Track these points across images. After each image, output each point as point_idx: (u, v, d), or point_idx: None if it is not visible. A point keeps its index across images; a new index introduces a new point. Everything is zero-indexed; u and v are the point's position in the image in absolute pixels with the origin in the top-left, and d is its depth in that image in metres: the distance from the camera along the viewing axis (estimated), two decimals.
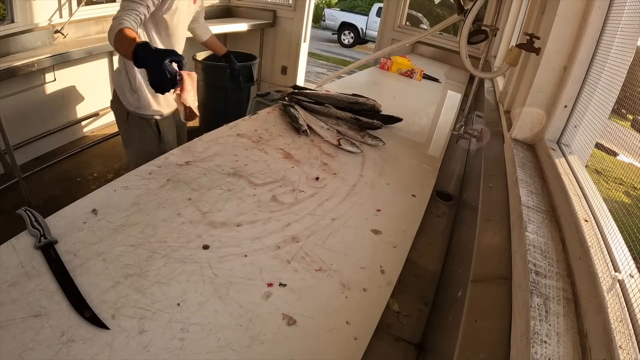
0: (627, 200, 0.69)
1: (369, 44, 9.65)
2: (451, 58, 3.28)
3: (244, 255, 0.69)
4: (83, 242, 0.66)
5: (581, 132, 0.89)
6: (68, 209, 0.74)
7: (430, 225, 1.00)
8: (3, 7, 2.24)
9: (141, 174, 0.89)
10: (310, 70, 6.42)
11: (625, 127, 0.74)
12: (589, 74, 0.89)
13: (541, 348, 0.42)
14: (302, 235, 0.77)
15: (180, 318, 0.55)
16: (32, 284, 0.56)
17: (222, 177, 0.93)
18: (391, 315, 0.70)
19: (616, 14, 0.83)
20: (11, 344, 0.48)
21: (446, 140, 1.44)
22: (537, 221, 0.67)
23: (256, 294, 0.62)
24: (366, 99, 1.49)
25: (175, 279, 0.62)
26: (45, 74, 2.52)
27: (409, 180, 1.08)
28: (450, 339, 0.55)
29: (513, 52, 1.14)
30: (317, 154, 1.14)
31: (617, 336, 0.41)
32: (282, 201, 0.87)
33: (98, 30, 2.77)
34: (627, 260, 0.53)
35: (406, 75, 2.42)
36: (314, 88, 1.78)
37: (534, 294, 0.50)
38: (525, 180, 0.81)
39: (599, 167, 0.86)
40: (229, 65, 1.94)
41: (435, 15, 4.44)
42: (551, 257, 0.58)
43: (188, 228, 0.74)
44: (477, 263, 0.66)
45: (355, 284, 0.67)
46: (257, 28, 3.99)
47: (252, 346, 0.53)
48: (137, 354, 0.50)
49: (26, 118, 2.49)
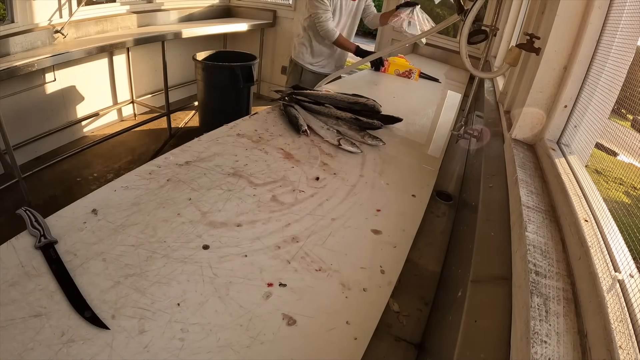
0: (627, 200, 0.69)
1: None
2: (451, 58, 3.27)
3: (244, 255, 0.69)
4: (83, 242, 0.66)
5: (581, 132, 0.89)
6: (68, 209, 0.74)
7: (430, 225, 1.00)
8: (3, 7, 2.24)
9: (141, 174, 0.89)
10: None
11: (625, 127, 0.74)
12: (589, 74, 0.89)
13: (541, 348, 0.42)
14: (302, 235, 0.77)
15: (180, 318, 0.55)
16: (32, 284, 0.56)
17: (222, 177, 0.93)
18: (391, 315, 0.70)
19: (616, 14, 0.83)
20: (11, 344, 0.48)
21: (446, 140, 1.44)
22: (537, 221, 0.67)
23: (256, 294, 0.62)
24: (366, 99, 1.49)
25: (175, 279, 0.62)
26: (45, 74, 2.53)
27: (409, 180, 1.08)
28: (450, 339, 0.55)
29: (513, 52, 1.14)
30: (317, 154, 1.14)
31: (617, 336, 0.41)
32: (282, 201, 0.87)
33: (98, 30, 2.77)
34: (627, 260, 0.53)
35: (404, 76, 2.41)
36: (314, 88, 1.78)
37: (534, 294, 0.50)
38: (525, 180, 0.81)
39: (599, 167, 0.86)
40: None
41: (435, 15, 4.44)
42: (551, 257, 0.58)
43: (188, 228, 0.74)
44: (477, 263, 0.66)
45: (355, 284, 0.67)
46: (257, 28, 3.99)
47: (252, 346, 0.53)
48: (137, 354, 0.50)
49: (26, 118, 2.49)
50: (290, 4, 3.96)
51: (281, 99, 1.48)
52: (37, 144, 2.61)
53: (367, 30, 11.10)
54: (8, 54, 2.17)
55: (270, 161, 1.05)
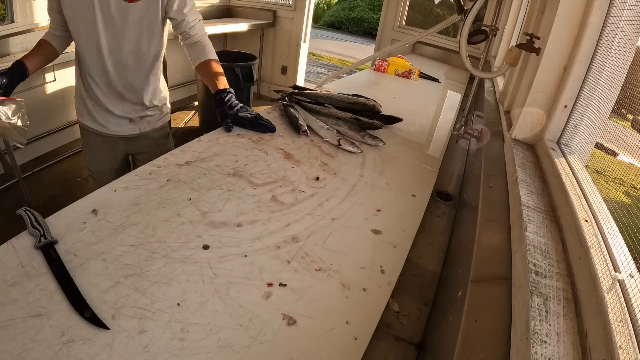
0: (627, 200, 0.69)
1: (369, 43, 9.65)
2: (451, 58, 3.28)
3: (244, 255, 0.69)
4: (83, 242, 0.66)
5: (581, 132, 0.89)
6: (68, 209, 0.74)
7: (430, 225, 1.00)
8: (3, 7, 2.24)
9: (141, 174, 0.89)
10: (310, 70, 6.42)
11: (625, 127, 0.74)
12: (589, 74, 0.89)
13: (541, 348, 0.42)
14: (302, 235, 0.77)
15: (180, 318, 0.55)
16: (32, 284, 0.56)
17: (222, 177, 0.93)
18: (391, 315, 0.70)
19: (616, 14, 0.83)
20: (11, 344, 0.48)
21: (446, 140, 1.44)
22: (537, 221, 0.67)
23: (256, 294, 0.62)
24: (366, 99, 1.49)
25: (175, 279, 0.62)
26: (45, 74, 2.52)
27: (409, 180, 1.08)
28: (450, 339, 0.55)
29: (513, 52, 1.14)
30: (317, 154, 1.14)
31: (617, 336, 0.41)
32: (282, 201, 0.87)
33: None
34: (627, 260, 0.53)
35: (403, 76, 2.41)
36: (314, 88, 1.78)
37: (534, 294, 0.50)
38: (525, 180, 0.81)
39: (599, 167, 0.86)
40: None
41: (435, 16, 4.44)
42: (551, 257, 0.58)
43: (188, 228, 0.74)
44: (477, 263, 0.66)
45: (355, 284, 0.67)
46: (257, 28, 3.99)
47: (252, 346, 0.53)
48: (137, 354, 0.50)
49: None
50: (290, 4, 3.96)
51: (281, 99, 1.48)
52: (37, 144, 2.60)
53: (367, 30, 11.15)
54: (8, 54, 2.17)
55: (270, 161, 1.05)
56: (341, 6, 11.94)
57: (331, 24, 11.84)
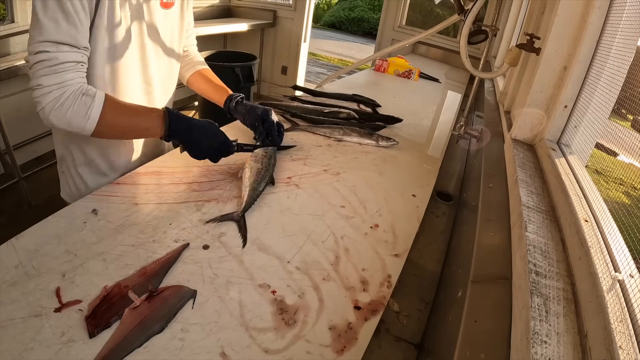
0: (627, 200, 0.69)
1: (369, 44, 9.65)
2: (451, 58, 3.28)
3: (244, 255, 0.69)
4: (83, 242, 0.66)
5: (581, 132, 0.89)
6: (68, 209, 0.74)
7: (430, 225, 1.00)
8: (3, 7, 2.24)
9: (141, 174, 0.89)
10: (310, 70, 6.42)
11: (625, 127, 0.74)
12: (589, 74, 0.89)
13: (541, 348, 0.42)
14: (302, 234, 0.77)
15: (180, 318, 0.56)
16: (32, 284, 0.56)
17: (222, 177, 0.93)
18: (391, 315, 0.70)
19: (616, 14, 0.83)
20: (11, 344, 0.48)
21: (446, 141, 1.44)
22: (537, 221, 0.67)
23: (256, 294, 0.62)
24: (339, 108, 1.45)
25: (175, 279, 0.62)
26: None
27: (409, 180, 1.08)
28: (450, 339, 0.55)
29: (513, 52, 1.14)
30: (319, 153, 1.14)
31: (617, 336, 0.41)
32: (282, 201, 0.87)
33: None
34: (627, 260, 0.53)
35: (404, 76, 2.41)
36: (314, 88, 1.78)
37: (534, 294, 0.50)
38: (525, 180, 0.81)
39: (599, 167, 0.86)
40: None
41: (436, 16, 4.44)
42: (551, 257, 0.58)
43: (188, 228, 0.74)
44: (477, 263, 0.66)
45: (355, 284, 0.67)
46: (257, 28, 3.99)
47: (252, 346, 0.53)
48: (137, 354, 0.50)
49: (26, 118, 2.48)
50: (290, 4, 3.96)
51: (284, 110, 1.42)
52: (37, 144, 2.60)
53: (367, 30, 11.14)
54: (8, 54, 2.17)
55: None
56: (341, 6, 11.94)
57: (331, 24, 11.85)
